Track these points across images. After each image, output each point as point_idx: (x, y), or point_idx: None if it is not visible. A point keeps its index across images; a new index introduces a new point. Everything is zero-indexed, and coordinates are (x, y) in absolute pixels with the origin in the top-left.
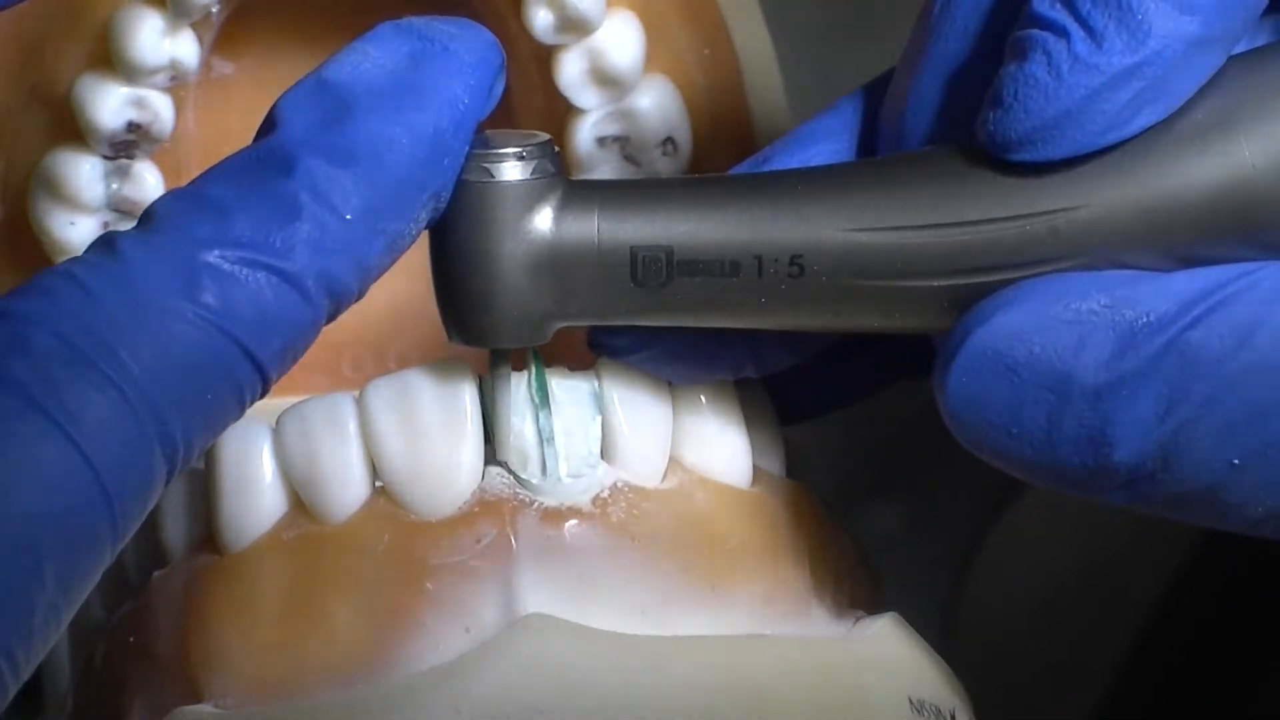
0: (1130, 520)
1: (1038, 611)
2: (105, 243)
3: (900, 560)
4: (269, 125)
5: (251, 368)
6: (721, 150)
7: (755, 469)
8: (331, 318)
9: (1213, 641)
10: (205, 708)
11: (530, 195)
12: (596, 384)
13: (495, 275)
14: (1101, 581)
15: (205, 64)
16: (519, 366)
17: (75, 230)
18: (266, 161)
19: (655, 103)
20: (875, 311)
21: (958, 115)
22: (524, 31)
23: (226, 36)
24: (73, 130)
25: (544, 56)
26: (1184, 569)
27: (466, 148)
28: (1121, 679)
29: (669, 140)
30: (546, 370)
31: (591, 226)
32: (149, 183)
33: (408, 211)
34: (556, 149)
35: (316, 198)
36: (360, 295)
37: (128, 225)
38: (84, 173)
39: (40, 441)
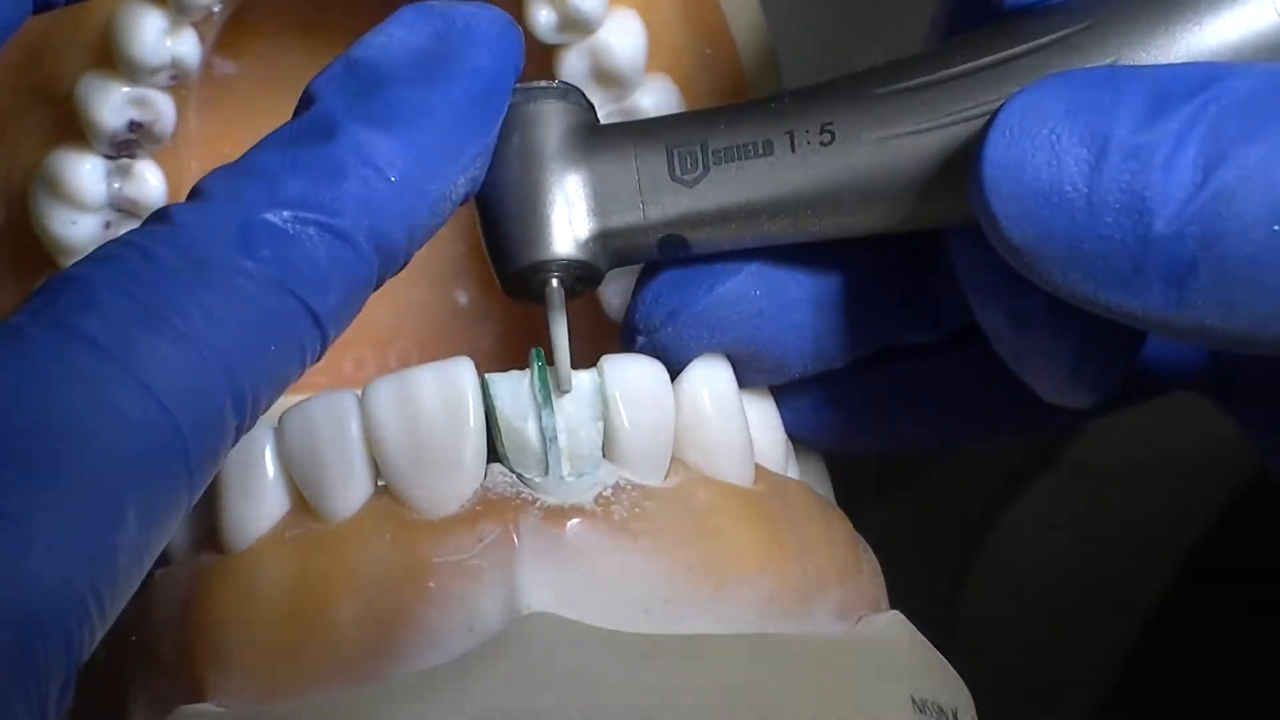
0: (1130, 519)
1: (1038, 611)
2: (159, 215)
3: (900, 560)
4: (305, 103)
5: (310, 322)
6: None
7: (757, 467)
8: (381, 280)
9: (1213, 641)
10: (207, 707)
11: (567, 116)
12: (599, 382)
13: (539, 188)
14: (1102, 581)
15: (207, 63)
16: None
17: (77, 230)
18: (308, 131)
19: (656, 102)
20: (911, 175)
21: None
22: (525, 30)
23: (228, 35)
24: (74, 130)
25: (545, 56)
26: (1184, 569)
27: (499, 116)
28: (1121, 679)
29: None
30: (549, 369)
31: (628, 137)
32: (150, 182)
33: (448, 173)
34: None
35: (361, 159)
36: (408, 258)
37: (130, 225)
38: (85, 172)
39: (118, 390)
